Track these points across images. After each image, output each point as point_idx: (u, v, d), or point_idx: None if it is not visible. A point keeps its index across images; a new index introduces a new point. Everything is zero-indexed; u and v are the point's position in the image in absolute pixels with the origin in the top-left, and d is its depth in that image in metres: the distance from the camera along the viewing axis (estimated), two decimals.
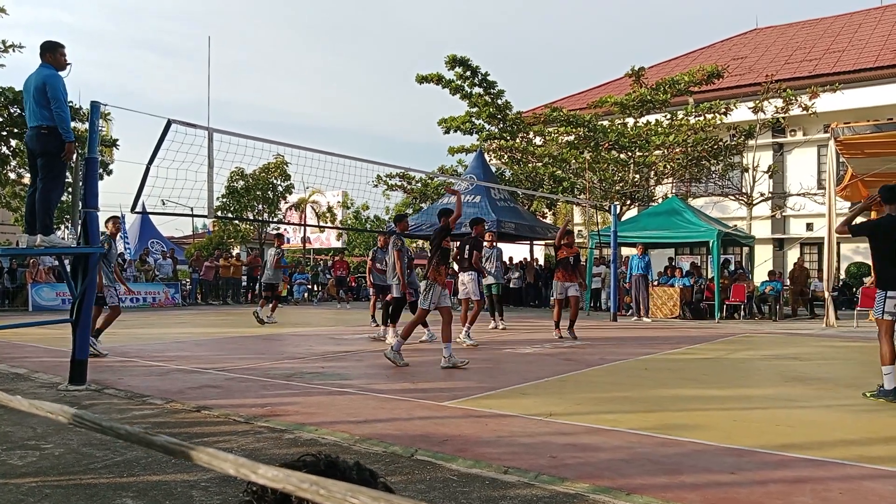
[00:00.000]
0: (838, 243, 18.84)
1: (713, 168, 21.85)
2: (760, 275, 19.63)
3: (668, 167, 21.45)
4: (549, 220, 26.45)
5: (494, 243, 12.58)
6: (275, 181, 27.82)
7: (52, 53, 6.12)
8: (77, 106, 16.58)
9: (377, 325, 11.36)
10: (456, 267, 11.47)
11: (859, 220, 6.43)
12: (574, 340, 10.36)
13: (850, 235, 6.50)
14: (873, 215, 9.63)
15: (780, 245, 24.00)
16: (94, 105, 6.47)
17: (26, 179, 21.49)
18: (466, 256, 10.45)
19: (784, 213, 23.96)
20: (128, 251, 23.30)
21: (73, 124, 6.99)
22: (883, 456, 3.95)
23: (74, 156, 7.93)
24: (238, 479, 0.74)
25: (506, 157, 23.80)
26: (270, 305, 13.45)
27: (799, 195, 22.25)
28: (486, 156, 22.18)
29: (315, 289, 25.68)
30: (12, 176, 21.47)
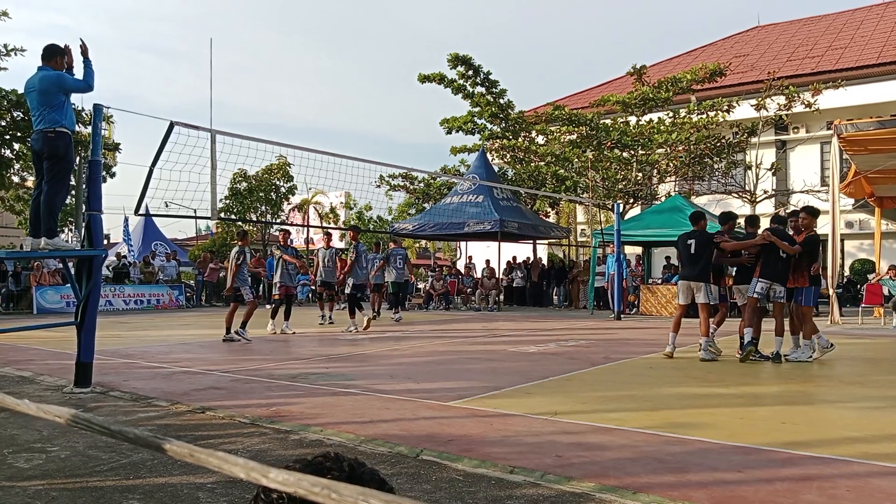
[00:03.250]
0: (842, 240, 18.79)
1: (716, 166, 21.80)
2: None
3: (671, 165, 21.41)
4: (552, 219, 26.43)
5: (401, 244, 13.54)
6: (277, 182, 27.85)
7: (54, 59, 6.09)
8: (80, 108, 16.63)
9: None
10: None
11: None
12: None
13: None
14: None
15: None
16: (97, 107, 6.46)
17: (30, 183, 21.56)
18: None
19: (787, 211, 23.91)
20: (131, 253, 23.34)
21: (76, 128, 6.99)
22: (889, 453, 3.93)
23: (77, 159, 7.95)
24: (246, 481, 0.74)
25: (508, 156, 23.79)
26: (328, 305, 14.75)
27: (802, 192, 22.20)
28: (488, 155, 22.18)
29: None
30: (16, 179, 21.54)
